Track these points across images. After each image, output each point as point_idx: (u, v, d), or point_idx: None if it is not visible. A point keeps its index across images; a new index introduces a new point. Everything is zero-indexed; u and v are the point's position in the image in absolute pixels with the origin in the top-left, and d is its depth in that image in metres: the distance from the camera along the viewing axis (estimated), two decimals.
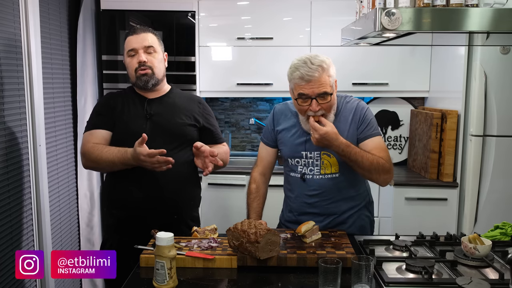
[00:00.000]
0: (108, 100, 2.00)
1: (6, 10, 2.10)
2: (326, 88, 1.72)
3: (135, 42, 1.93)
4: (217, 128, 2.08)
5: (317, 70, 1.70)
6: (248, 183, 2.01)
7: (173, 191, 1.91)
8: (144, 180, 1.88)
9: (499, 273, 1.42)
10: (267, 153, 2.00)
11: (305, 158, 1.86)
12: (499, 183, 2.71)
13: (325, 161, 1.84)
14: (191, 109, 2.00)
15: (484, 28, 1.40)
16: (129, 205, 1.91)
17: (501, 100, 2.69)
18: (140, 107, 1.95)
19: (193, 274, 1.49)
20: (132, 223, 1.91)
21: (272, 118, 1.97)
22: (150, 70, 1.92)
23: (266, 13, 3.20)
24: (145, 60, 1.92)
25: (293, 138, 1.89)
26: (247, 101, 3.68)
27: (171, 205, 1.92)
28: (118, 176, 1.92)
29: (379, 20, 1.37)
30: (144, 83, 1.93)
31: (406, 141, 3.44)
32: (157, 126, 1.92)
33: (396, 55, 3.19)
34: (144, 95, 1.98)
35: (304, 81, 1.71)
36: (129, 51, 1.94)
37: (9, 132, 2.11)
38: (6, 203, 2.09)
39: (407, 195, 2.91)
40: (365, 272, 1.31)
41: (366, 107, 1.86)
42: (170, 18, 3.16)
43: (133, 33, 1.95)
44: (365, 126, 1.82)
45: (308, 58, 1.73)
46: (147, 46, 1.93)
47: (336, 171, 1.85)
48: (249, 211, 1.95)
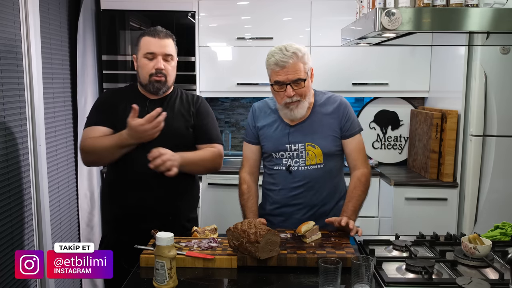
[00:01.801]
0: (109, 97, 1.99)
1: (6, 10, 2.10)
2: (300, 75, 1.80)
3: (156, 47, 1.89)
4: (210, 128, 2.01)
5: (291, 57, 1.78)
6: (239, 185, 2.02)
7: (169, 193, 1.90)
8: (140, 180, 1.88)
9: (499, 273, 1.42)
10: (251, 152, 2.02)
11: (289, 150, 1.91)
12: (499, 183, 2.71)
13: (310, 152, 1.89)
14: (188, 109, 1.99)
15: (484, 28, 1.41)
16: (125, 204, 1.91)
17: (501, 100, 2.68)
18: (142, 107, 1.93)
19: (193, 274, 1.49)
20: (128, 222, 1.91)
21: (252, 116, 2.01)
22: (164, 77, 1.91)
23: (266, 13, 3.20)
24: (163, 67, 1.89)
25: (276, 132, 1.93)
26: (247, 101, 3.68)
27: (167, 206, 1.91)
28: (115, 175, 1.93)
29: (379, 20, 1.37)
30: (156, 90, 1.91)
31: (406, 141, 3.44)
32: None
33: (396, 55, 3.19)
34: (146, 95, 1.97)
35: (278, 67, 1.79)
36: (148, 53, 1.89)
37: (9, 132, 2.11)
38: (7, 203, 2.09)
39: (407, 195, 2.91)
40: (365, 272, 1.31)
41: (349, 104, 1.96)
42: (170, 18, 3.16)
43: (156, 36, 1.90)
44: (350, 124, 1.92)
45: (284, 46, 1.81)
46: (167, 53, 1.91)
47: (320, 162, 1.90)
48: (245, 211, 1.96)
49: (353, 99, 3.55)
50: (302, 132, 1.91)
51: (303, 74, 1.82)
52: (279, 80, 1.81)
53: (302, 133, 1.91)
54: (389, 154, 3.46)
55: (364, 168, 1.92)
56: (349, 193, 1.90)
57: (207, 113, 2.03)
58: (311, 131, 1.90)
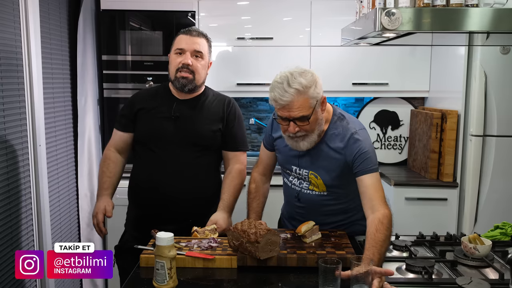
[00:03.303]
0: (136, 100, 2.02)
1: (6, 10, 2.10)
2: (303, 112, 1.61)
3: (185, 43, 1.92)
4: (237, 135, 2.01)
5: (292, 94, 1.58)
6: (249, 183, 2.01)
7: (191, 197, 1.92)
8: (162, 184, 1.90)
9: (499, 273, 1.42)
10: (266, 156, 1.99)
11: (294, 172, 1.84)
12: (499, 183, 2.71)
13: (313, 181, 1.79)
14: (217, 112, 1.98)
15: (484, 28, 1.41)
16: (146, 205, 1.95)
17: (501, 100, 2.68)
18: (169, 107, 1.95)
19: (193, 274, 1.49)
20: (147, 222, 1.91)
21: (271, 123, 1.92)
22: (191, 74, 1.91)
23: (266, 13, 3.19)
24: (190, 63, 1.90)
25: (287, 149, 1.82)
26: (247, 101, 3.67)
27: (187, 210, 1.93)
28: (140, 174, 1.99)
29: (379, 20, 1.37)
30: (182, 85, 1.92)
31: (406, 141, 3.44)
32: (182, 129, 1.92)
33: (396, 55, 3.19)
34: (176, 95, 1.98)
35: (278, 105, 1.62)
36: (177, 49, 1.92)
37: (9, 132, 2.11)
38: (6, 203, 2.09)
39: (407, 195, 2.90)
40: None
41: (363, 140, 1.71)
42: (170, 18, 3.15)
43: (187, 33, 1.94)
44: (360, 163, 1.68)
45: (288, 77, 1.60)
46: (197, 50, 1.92)
47: (323, 190, 1.79)
48: (248, 210, 1.95)
49: (353, 99, 3.54)
50: (310, 158, 1.77)
51: (308, 111, 1.61)
52: (281, 116, 1.65)
53: (309, 160, 1.77)
54: (389, 154, 3.46)
55: (384, 209, 1.59)
56: (370, 237, 1.52)
57: (237, 118, 2.02)
58: (316, 161, 1.76)
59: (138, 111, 1.97)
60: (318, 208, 1.83)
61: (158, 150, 1.92)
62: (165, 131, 1.92)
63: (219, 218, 1.86)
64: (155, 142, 1.92)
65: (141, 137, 1.97)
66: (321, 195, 1.80)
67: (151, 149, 1.94)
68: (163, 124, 1.92)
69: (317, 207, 1.82)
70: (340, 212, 1.84)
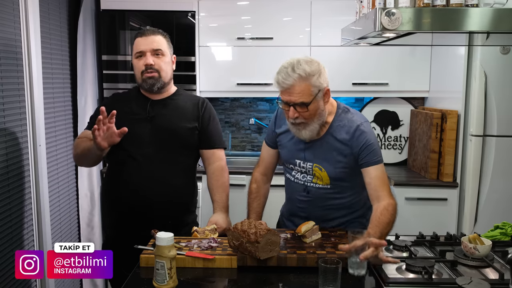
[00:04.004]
0: (110, 103, 1.98)
1: (6, 10, 2.10)
2: (303, 98, 1.65)
3: (143, 44, 1.92)
4: (215, 133, 2.02)
5: (294, 79, 1.64)
6: (249, 183, 2.01)
7: (166, 197, 1.90)
8: (136, 183, 1.88)
9: (499, 273, 1.42)
10: (268, 154, 1.99)
11: (298, 166, 1.85)
12: (499, 183, 2.71)
13: (317, 173, 1.80)
14: (192, 111, 1.98)
15: (484, 28, 1.41)
16: (122, 209, 1.92)
17: (501, 100, 2.68)
18: (143, 108, 1.94)
19: (193, 274, 1.49)
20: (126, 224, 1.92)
21: (274, 120, 1.94)
22: (156, 73, 1.91)
23: (266, 13, 3.19)
24: (152, 63, 1.90)
25: (291, 143, 1.85)
26: (247, 101, 3.68)
27: (164, 210, 1.90)
28: (113, 178, 1.96)
29: (379, 20, 1.37)
30: (150, 86, 1.92)
31: (406, 141, 3.44)
32: (158, 128, 1.91)
33: (396, 55, 3.19)
34: (149, 96, 1.97)
35: (281, 87, 1.69)
36: (137, 53, 1.92)
37: (9, 132, 2.11)
38: (6, 203, 2.09)
39: (407, 195, 2.90)
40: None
41: (368, 132, 1.75)
42: (170, 18, 3.16)
43: (142, 35, 1.94)
44: (366, 154, 1.71)
45: (294, 63, 1.67)
46: (155, 49, 1.91)
47: (327, 184, 1.80)
48: (249, 210, 1.95)
49: (353, 99, 3.55)
50: (314, 151, 1.79)
51: (308, 98, 1.66)
52: (283, 100, 1.71)
53: (314, 152, 1.79)
54: (389, 154, 3.46)
55: (390, 199, 1.65)
56: (373, 219, 1.60)
57: (213, 117, 2.03)
58: (321, 153, 1.78)
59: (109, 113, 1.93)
60: (321, 203, 1.83)
61: (135, 153, 1.88)
62: (141, 132, 1.89)
63: (219, 218, 1.87)
64: (132, 144, 1.88)
65: None
66: (324, 188, 1.81)
67: (128, 152, 1.89)
68: (139, 125, 1.90)
69: (320, 201, 1.83)
70: (343, 207, 1.85)
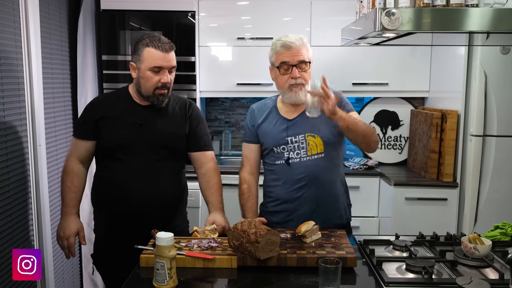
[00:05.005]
0: (96, 107, 1.96)
1: (6, 10, 2.10)
2: (305, 58, 1.90)
3: (164, 61, 1.83)
4: (203, 135, 2.01)
5: (297, 40, 1.92)
6: (239, 185, 2.03)
7: (154, 203, 1.89)
8: (134, 191, 1.88)
9: (499, 273, 1.42)
10: (250, 151, 2.03)
11: (290, 143, 1.92)
12: (499, 183, 2.71)
13: (311, 142, 1.91)
14: (180, 116, 1.97)
15: (484, 28, 1.41)
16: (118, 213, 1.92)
17: (501, 100, 2.69)
18: (132, 114, 1.91)
19: (193, 274, 1.49)
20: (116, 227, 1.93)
21: (250, 116, 2.05)
22: (167, 90, 1.89)
23: (266, 13, 3.20)
24: (170, 81, 1.87)
25: (275, 127, 1.96)
26: (247, 101, 3.68)
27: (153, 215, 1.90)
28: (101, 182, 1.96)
29: (379, 20, 1.37)
30: (160, 102, 1.89)
31: (406, 141, 3.44)
32: (146, 135, 1.89)
33: (396, 55, 3.19)
34: (138, 100, 1.94)
35: (285, 49, 1.89)
36: (155, 67, 1.82)
37: (9, 132, 2.11)
38: (6, 203, 2.09)
39: (407, 195, 2.91)
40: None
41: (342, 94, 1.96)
42: (170, 18, 3.16)
43: (162, 50, 1.82)
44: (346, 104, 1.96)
45: (287, 35, 1.95)
46: (173, 66, 1.88)
47: (321, 151, 1.91)
48: (244, 211, 1.97)
49: (353, 99, 3.55)
50: (300, 125, 1.93)
51: (308, 58, 1.91)
52: (286, 61, 1.89)
53: (300, 126, 1.93)
54: (389, 154, 3.46)
55: None
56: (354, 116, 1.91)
57: (201, 120, 2.02)
58: (309, 125, 1.91)
59: (99, 119, 1.90)
60: (317, 175, 1.90)
61: (125, 159, 1.88)
62: (130, 140, 1.87)
63: (216, 217, 1.87)
64: (121, 151, 1.87)
65: (106, 147, 1.90)
66: (319, 159, 1.91)
67: (118, 158, 1.89)
68: (128, 132, 1.88)
69: (316, 173, 1.90)
70: (333, 181, 1.96)
